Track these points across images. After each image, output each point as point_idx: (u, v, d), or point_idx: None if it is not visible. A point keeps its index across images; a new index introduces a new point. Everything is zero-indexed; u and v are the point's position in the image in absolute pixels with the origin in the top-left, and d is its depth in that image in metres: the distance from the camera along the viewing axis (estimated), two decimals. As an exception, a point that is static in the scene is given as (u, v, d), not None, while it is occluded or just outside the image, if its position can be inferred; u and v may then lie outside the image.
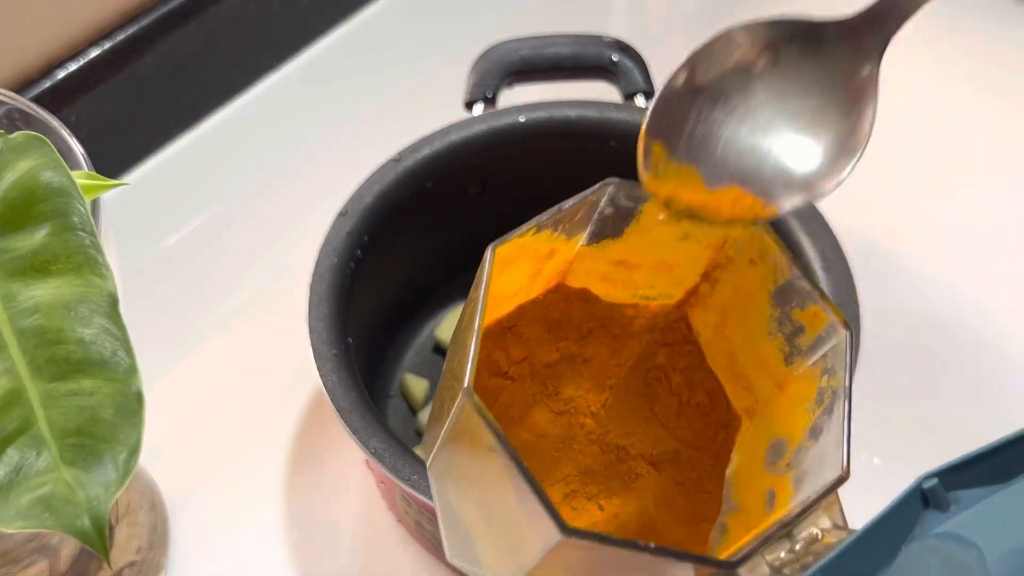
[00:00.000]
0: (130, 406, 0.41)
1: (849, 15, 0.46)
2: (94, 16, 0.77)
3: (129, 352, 0.42)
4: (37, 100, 0.73)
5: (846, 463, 0.42)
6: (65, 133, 0.53)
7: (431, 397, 0.70)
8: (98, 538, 0.40)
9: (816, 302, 0.45)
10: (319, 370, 0.60)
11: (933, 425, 0.72)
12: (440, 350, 0.73)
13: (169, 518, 0.68)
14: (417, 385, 0.71)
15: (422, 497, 0.56)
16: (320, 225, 0.65)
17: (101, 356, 0.42)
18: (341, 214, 0.65)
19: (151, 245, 0.80)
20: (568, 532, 0.37)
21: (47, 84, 0.75)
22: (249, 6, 0.84)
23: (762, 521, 0.45)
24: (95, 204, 0.49)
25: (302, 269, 0.63)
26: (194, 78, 0.84)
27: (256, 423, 0.72)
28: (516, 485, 0.38)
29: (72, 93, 0.76)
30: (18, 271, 0.43)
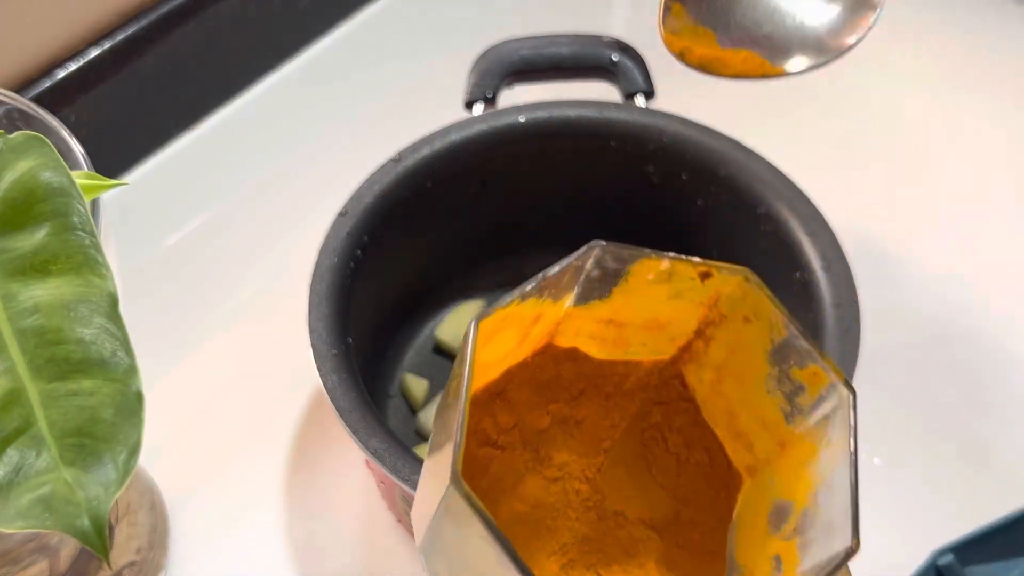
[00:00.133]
0: (130, 406, 0.41)
1: None
2: (94, 16, 0.77)
3: (129, 352, 0.42)
4: (37, 100, 0.73)
5: (855, 535, 0.40)
6: (65, 133, 0.53)
7: (431, 397, 0.70)
8: (98, 538, 0.40)
9: (816, 361, 0.44)
10: (319, 370, 0.60)
11: (933, 425, 0.72)
12: (440, 350, 0.73)
13: (169, 518, 0.68)
14: (417, 385, 0.71)
15: (422, 497, 0.56)
16: (320, 225, 0.65)
17: (101, 356, 0.41)
18: (341, 214, 0.65)
19: (151, 245, 0.80)
20: None
21: (47, 84, 0.75)
22: (249, 6, 0.84)
23: None
24: (95, 204, 0.49)
25: (302, 269, 0.63)
26: (194, 78, 0.84)
27: (256, 423, 0.72)
28: (508, 573, 0.37)
29: (72, 93, 0.76)
30: (18, 271, 0.43)
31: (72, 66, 0.76)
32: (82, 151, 0.52)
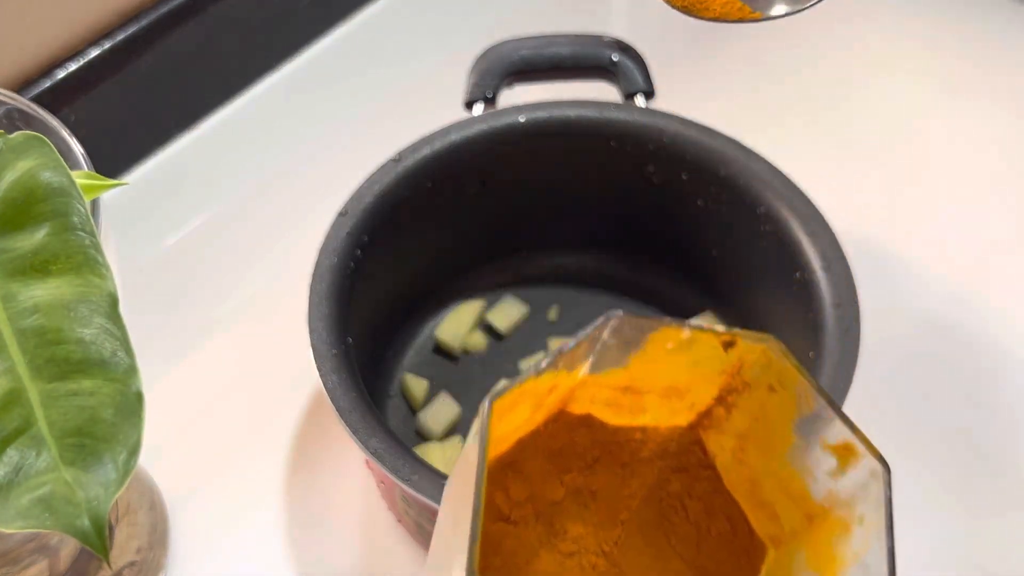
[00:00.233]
0: (130, 406, 0.41)
1: None
2: (94, 16, 0.77)
3: (129, 352, 0.42)
4: (37, 100, 0.73)
5: None
6: (65, 133, 0.53)
7: (431, 397, 0.70)
8: (98, 538, 0.40)
9: (847, 435, 0.42)
10: (319, 370, 0.60)
11: (932, 424, 0.72)
12: (440, 350, 0.73)
13: (169, 518, 0.68)
14: (417, 385, 0.71)
15: (422, 497, 0.56)
16: (320, 225, 0.65)
17: (101, 356, 0.42)
18: (341, 214, 0.65)
19: (151, 245, 0.80)
20: None
21: (47, 84, 0.75)
22: (249, 6, 0.84)
23: None
24: (95, 204, 0.49)
25: (302, 269, 0.63)
26: (194, 78, 0.84)
27: (256, 423, 0.72)
28: None
29: (72, 93, 0.76)
30: (18, 271, 0.43)
31: (72, 66, 0.76)
32: (82, 151, 0.52)
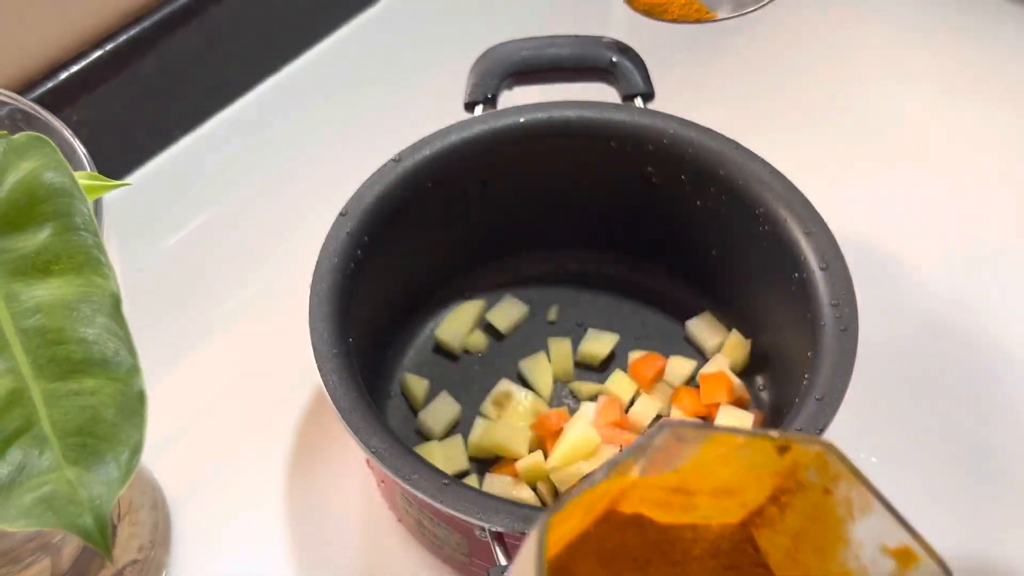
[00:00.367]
0: (132, 405, 0.41)
1: None
2: (96, 18, 0.77)
3: (131, 352, 0.42)
4: (39, 101, 0.73)
5: None
6: (67, 134, 0.53)
7: (431, 396, 0.71)
8: (100, 536, 0.40)
9: (907, 540, 0.42)
10: (320, 370, 0.60)
11: (930, 424, 0.72)
12: (440, 350, 0.73)
13: (171, 516, 0.68)
14: (417, 385, 0.71)
15: (422, 496, 0.56)
16: (321, 225, 0.65)
17: (103, 356, 0.42)
18: (342, 214, 0.65)
19: (153, 245, 0.80)
20: None
21: (49, 85, 0.75)
22: (250, 8, 0.84)
23: None
24: (97, 204, 0.50)
25: (303, 269, 0.63)
26: (195, 80, 0.84)
27: (257, 422, 0.72)
28: None
29: (74, 94, 0.76)
30: (20, 271, 0.43)
31: (74, 67, 0.76)
32: (84, 152, 0.53)
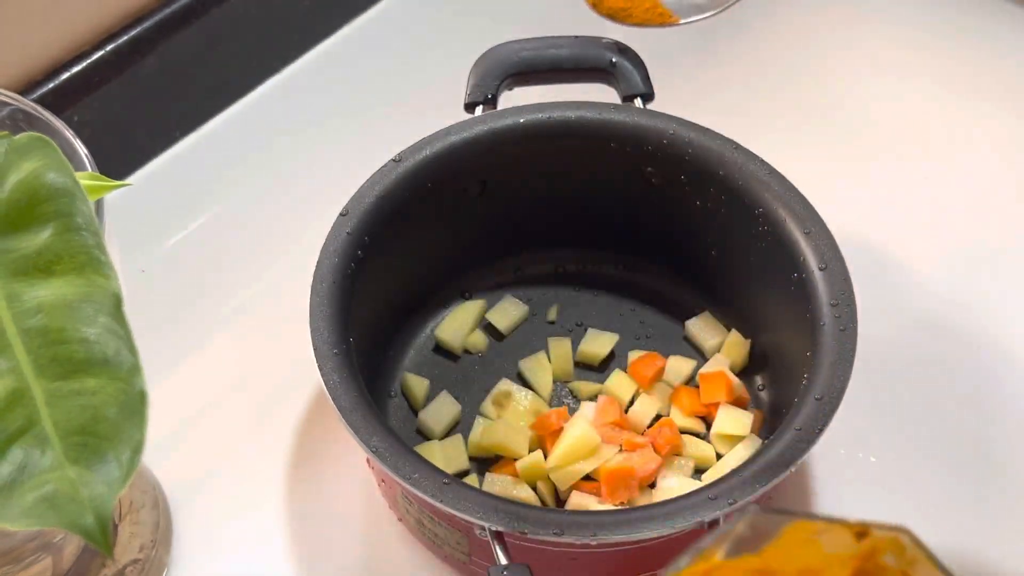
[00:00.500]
0: (133, 405, 0.41)
1: None
2: (97, 18, 0.77)
3: (132, 351, 0.42)
4: (41, 101, 0.74)
5: None
6: (69, 134, 0.53)
7: (431, 396, 0.71)
8: (102, 536, 0.40)
9: None
10: (320, 369, 0.60)
11: (929, 423, 0.72)
12: (440, 350, 0.73)
13: (172, 516, 0.68)
14: (418, 384, 0.71)
15: (423, 495, 0.56)
16: (321, 225, 0.65)
17: (104, 355, 0.42)
18: (342, 214, 0.65)
19: (154, 245, 0.81)
20: None
21: (51, 86, 0.75)
22: (251, 9, 0.84)
23: None
24: (99, 205, 0.50)
25: (304, 269, 0.64)
26: (196, 80, 0.84)
27: (258, 422, 0.72)
28: None
29: (76, 95, 0.76)
30: (22, 271, 0.44)
31: (76, 68, 0.76)
32: (86, 152, 0.53)
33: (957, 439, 0.71)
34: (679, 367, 0.71)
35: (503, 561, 0.55)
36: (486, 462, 0.68)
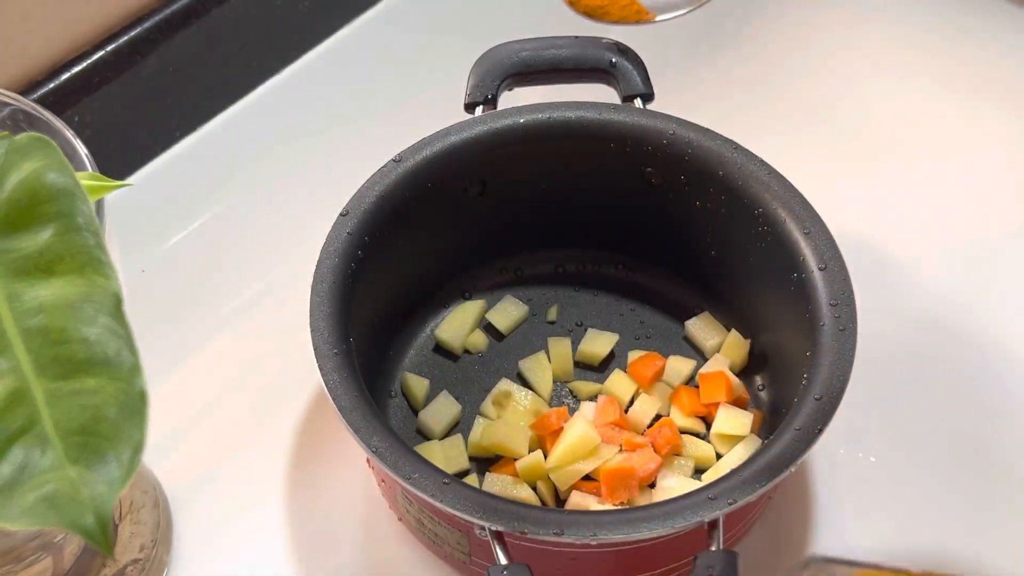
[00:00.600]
0: (134, 405, 0.41)
1: None
2: (98, 19, 0.77)
3: (133, 351, 0.42)
4: (41, 102, 0.74)
5: None
6: (69, 134, 0.53)
7: (431, 396, 0.71)
8: (102, 535, 0.40)
9: None
10: (321, 369, 0.60)
11: (928, 423, 0.72)
12: (440, 350, 0.73)
13: (172, 516, 0.68)
14: (418, 384, 0.71)
15: (423, 495, 0.56)
16: (322, 225, 0.65)
17: (105, 355, 0.42)
18: (342, 215, 0.65)
19: (155, 245, 0.81)
20: None
21: (51, 86, 0.75)
22: (251, 10, 0.84)
23: None
24: (99, 205, 0.50)
25: (304, 269, 0.64)
26: (197, 80, 0.84)
27: (258, 422, 0.73)
28: None
29: (76, 95, 0.76)
30: (23, 271, 0.44)
31: (76, 68, 0.76)
32: (86, 152, 0.53)
33: (957, 439, 0.71)
34: (679, 367, 0.71)
35: (503, 561, 0.55)
36: (486, 462, 0.68)
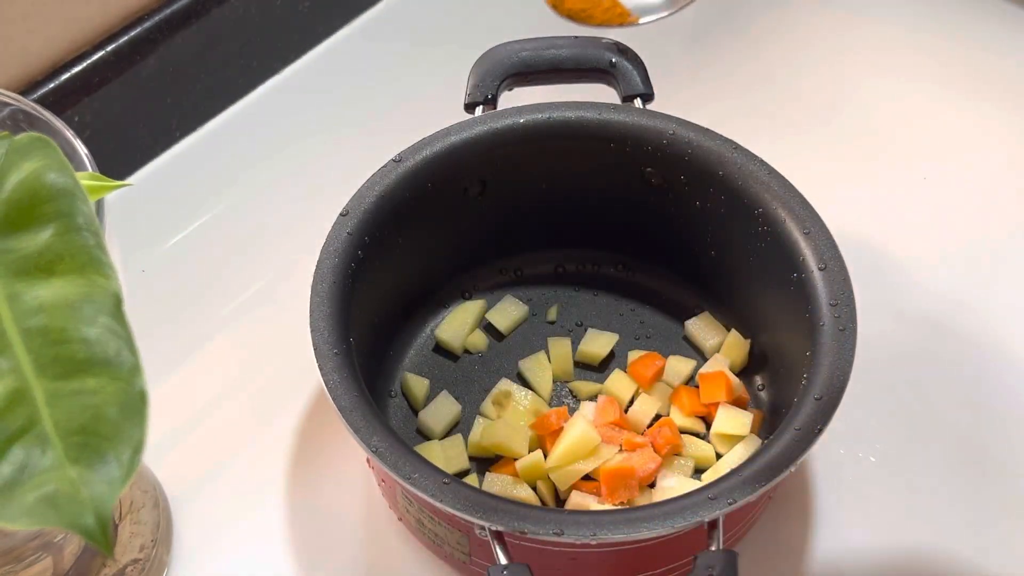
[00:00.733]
0: (134, 405, 0.41)
1: None
2: (98, 19, 0.77)
3: (133, 351, 0.42)
4: (41, 102, 0.74)
5: None
6: (69, 134, 0.53)
7: (431, 396, 0.71)
8: (102, 535, 0.40)
9: None
10: (321, 369, 0.60)
11: (927, 423, 0.72)
12: (440, 350, 0.73)
13: (172, 516, 0.68)
14: (418, 384, 0.71)
15: (423, 495, 0.56)
16: (322, 225, 0.65)
17: (105, 355, 0.42)
18: (342, 215, 0.65)
19: (154, 245, 0.81)
20: None
21: (51, 86, 0.75)
22: (251, 10, 0.84)
23: None
24: (99, 205, 0.50)
25: (304, 269, 0.64)
26: (197, 81, 0.84)
27: (258, 422, 0.73)
28: None
29: (76, 95, 0.76)
30: (23, 271, 0.44)
31: (76, 68, 0.76)
32: (86, 152, 0.53)
33: (957, 439, 0.71)
34: (679, 367, 0.71)
35: (503, 561, 0.55)
36: (486, 462, 0.68)
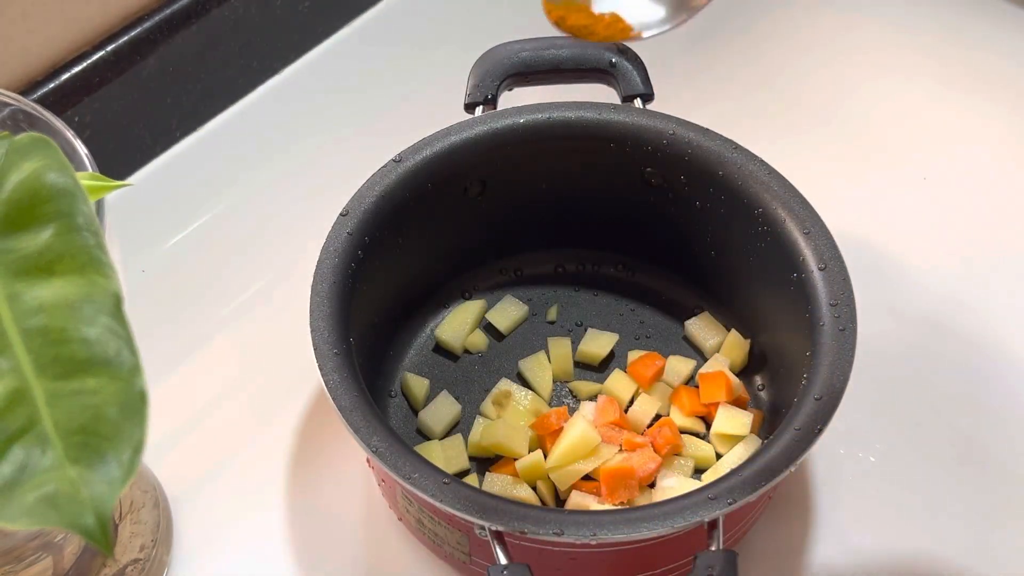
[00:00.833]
0: (134, 405, 0.41)
1: None
2: (98, 19, 0.77)
3: (133, 351, 0.42)
4: (41, 102, 0.74)
5: None
6: (69, 134, 0.53)
7: (431, 396, 0.71)
8: (102, 535, 0.40)
9: None
10: (321, 369, 0.60)
11: (927, 423, 0.72)
12: (440, 349, 0.73)
13: (172, 516, 0.68)
14: (418, 384, 0.71)
15: (423, 495, 0.56)
16: (322, 225, 0.65)
17: (105, 355, 0.42)
18: (342, 215, 0.65)
19: (155, 245, 0.81)
20: None
21: (51, 86, 0.75)
22: (251, 10, 0.84)
23: None
24: (99, 205, 0.50)
25: (304, 269, 0.64)
26: (197, 81, 0.84)
27: (258, 422, 0.73)
28: None
29: (76, 95, 0.76)
30: (23, 271, 0.44)
31: (76, 68, 0.76)
32: (86, 152, 0.53)
33: (957, 438, 0.71)
34: (679, 367, 0.71)
35: (503, 561, 0.55)
36: (486, 462, 0.68)
